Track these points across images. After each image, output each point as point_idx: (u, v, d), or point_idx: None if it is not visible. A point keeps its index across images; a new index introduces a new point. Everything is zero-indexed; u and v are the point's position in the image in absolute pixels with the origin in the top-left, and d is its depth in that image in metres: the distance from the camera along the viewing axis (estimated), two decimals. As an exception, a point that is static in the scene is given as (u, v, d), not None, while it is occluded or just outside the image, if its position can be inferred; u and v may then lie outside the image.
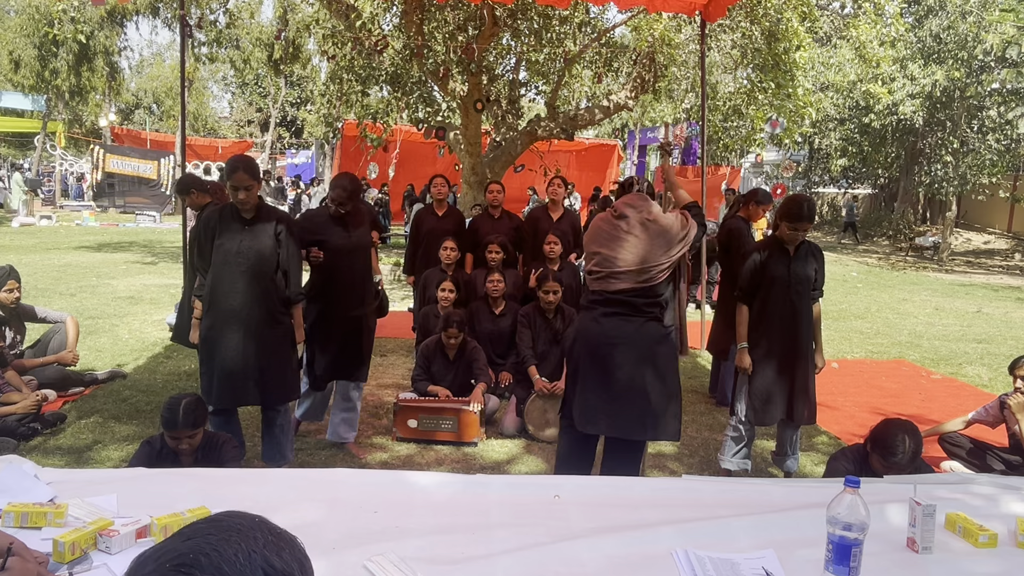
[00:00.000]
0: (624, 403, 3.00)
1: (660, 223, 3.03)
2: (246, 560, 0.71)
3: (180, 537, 0.74)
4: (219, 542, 0.72)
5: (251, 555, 0.72)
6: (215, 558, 0.70)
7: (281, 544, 0.76)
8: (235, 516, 0.78)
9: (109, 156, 23.19)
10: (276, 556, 0.73)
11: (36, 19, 21.48)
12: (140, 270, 11.24)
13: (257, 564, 0.71)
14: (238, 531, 0.74)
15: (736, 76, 10.75)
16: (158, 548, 0.73)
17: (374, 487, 2.19)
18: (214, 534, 0.73)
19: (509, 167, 10.37)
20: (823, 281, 3.88)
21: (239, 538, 0.73)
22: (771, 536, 1.91)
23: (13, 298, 5.02)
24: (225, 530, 0.74)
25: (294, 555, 0.76)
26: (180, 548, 0.72)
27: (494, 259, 5.63)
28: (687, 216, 3.10)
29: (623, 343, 3.00)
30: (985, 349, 7.72)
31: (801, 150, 24.19)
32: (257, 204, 3.60)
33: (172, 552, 0.71)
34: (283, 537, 0.78)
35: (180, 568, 0.69)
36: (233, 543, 0.72)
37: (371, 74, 10.26)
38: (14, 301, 5.04)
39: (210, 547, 0.71)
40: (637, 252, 2.99)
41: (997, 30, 14.14)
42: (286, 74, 26.51)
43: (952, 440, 4.35)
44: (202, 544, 0.71)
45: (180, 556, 0.70)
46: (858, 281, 13.59)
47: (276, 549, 0.75)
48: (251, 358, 3.56)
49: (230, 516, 0.78)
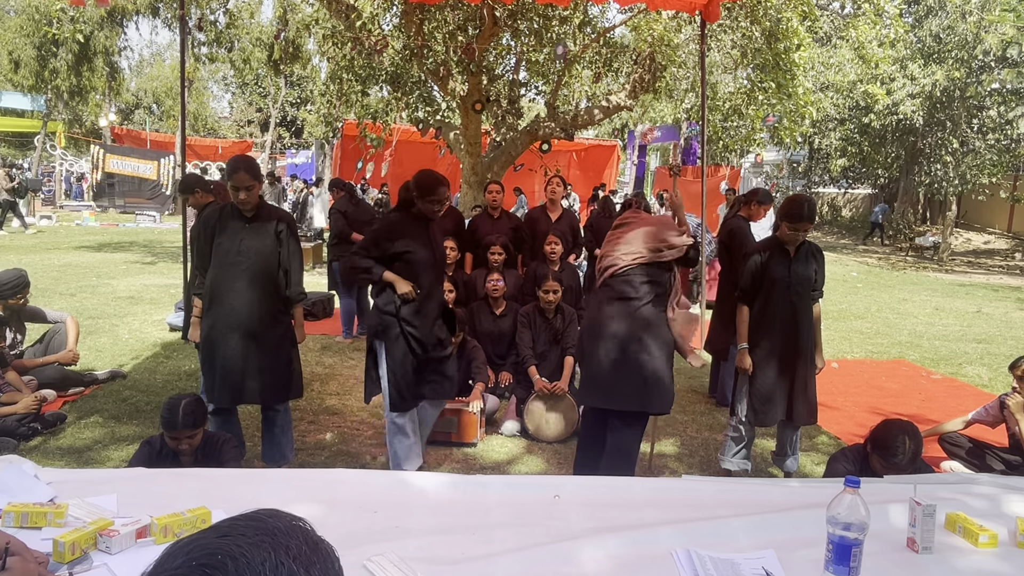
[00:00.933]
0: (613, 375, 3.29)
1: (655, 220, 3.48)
2: (272, 572, 0.69)
3: (216, 532, 0.73)
4: (250, 546, 0.70)
5: (278, 567, 0.70)
6: (242, 564, 0.68)
7: (314, 558, 0.74)
8: (276, 517, 0.76)
9: (109, 156, 23.18)
10: (304, 571, 0.71)
11: (36, 19, 21.46)
12: (140, 270, 11.24)
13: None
14: (273, 536, 0.73)
15: (736, 76, 10.74)
16: (191, 540, 0.72)
17: (374, 487, 2.19)
18: (248, 536, 0.72)
19: (509, 167, 10.37)
20: (823, 282, 3.88)
21: (271, 544, 0.71)
22: (771, 536, 1.91)
23: (21, 303, 5.09)
24: (261, 532, 0.72)
25: (325, 572, 0.74)
26: (211, 546, 0.70)
27: (496, 260, 5.64)
28: (687, 227, 3.47)
29: (618, 320, 3.29)
30: (985, 349, 7.72)
31: (801, 150, 24.19)
32: (258, 203, 3.60)
33: (202, 549, 0.70)
34: (318, 550, 0.75)
35: (205, 568, 0.68)
36: (264, 549, 0.70)
37: (371, 74, 10.26)
38: (21, 306, 5.11)
39: (239, 551, 0.69)
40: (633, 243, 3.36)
41: (997, 30, 14.15)
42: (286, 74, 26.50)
43: (952, 440, 4.35)
44: (232, 546, 0.70)
45: (209, 555, 0.69)
46: (858, 281, 13.59)
47: (307, 563, 0.72)
48: (251, 357, 3.56)
49: (271, 516, 0.76)
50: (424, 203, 3.60)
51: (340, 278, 6.92)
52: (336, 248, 6.97)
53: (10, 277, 5.02)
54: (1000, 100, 16.93)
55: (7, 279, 5.00)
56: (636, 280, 3.31)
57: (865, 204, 27.58)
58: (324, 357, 6.37)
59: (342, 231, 6.89)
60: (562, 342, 4.99)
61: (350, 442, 4.41)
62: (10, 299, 5.00)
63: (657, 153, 27.12)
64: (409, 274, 3.55)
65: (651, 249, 3.31)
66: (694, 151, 20.78)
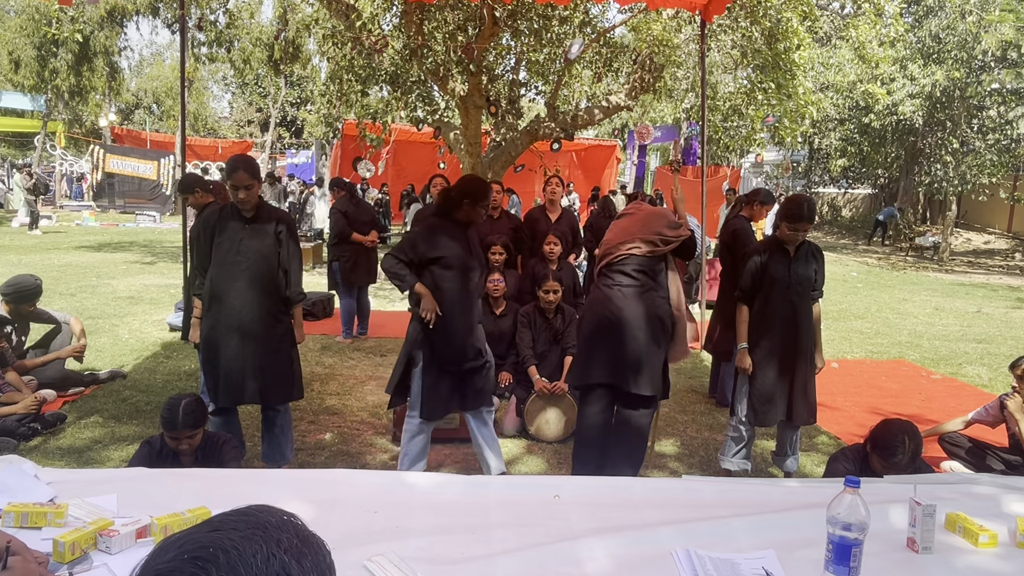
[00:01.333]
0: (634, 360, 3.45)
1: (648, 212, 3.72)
2: (264, 563, 0.70)
3: (207, 526, 0.73)
4: (242, 539, 0.71)
5: (270, 559, 0.71)
6: (233, 556, 0.69)
7: (304, 550, 0.74)
8: (267, 512, 0.77)
9: (109, 156, 23.19)
10: (296, 563, 0.72)
11: (36, 19, 21.47)
12: (140, 270, 11.24)
13: (274, 570, 0.70)
14: (264, 529, 0.73)
15: (736, 76, 10.74)
16: (183, 535, 0.73)
17: (374, 487, 2.19)
18: (239, 529, 0.72)
19: (509, 167, 10.37)
20: (823, 282, 3.89)
21: (263, 537, 0.72)
22: (771, 536, 1.91)
23: (30, 310, 5.12)
24: (252, 526, 0.73)
25: (316, 564, 0.75)
26: (203, 539, 0.71)
27: (497, 261, 5.64)
28: (685, 221, 3.67)
29: (619, 301, 3.47)
30: (985, 349, 7.72)
31: (801, 150, 24.19)
32: (257, 204, 3.60)
33: (194, 543, 0.71)
34: (309, 542, 0.76)
35: (197, 561, 0.68)
36: (255, 542, 0.71)
37: (371, 74, 10.24)
38: (30, 312, 5.14)
39: (231, 544, 0.70)
40: (631, 230, 3.59)
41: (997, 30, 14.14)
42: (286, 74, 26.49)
43: (952, 440, 4.35)
44: (224, 539, 0.71)
45: (200, 548, 0.70)
46: (858, 281, 13.59)
47: (298, 555, 0.73)
48: (251, 358, 3.56)
49: (262, 511, 0.77)
50: (474, 208, 3.54)
51: (340, 278, 6.91)
52: (336, 248, 6.97)
53: (29, 284, 5.05)
54: (1000, 100, 16.93)
55: (27, 285, 5.03)
56: (630, 268, 3.50)
57: (865, 204, 27.58)
58: (324, 357, 6.37)
59: (342, 231, 6.88)
60: (562, 342, 4.99)
61: (350, 442, 4.41)
62: (24, 304, 5.01)
63: (657, 153, 27.12)
64: (442, 281, 3.49)
65: (646, 240, 3.50)
66: (694, 151, 20.78)
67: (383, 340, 7.08)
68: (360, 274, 6.98)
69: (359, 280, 7.01)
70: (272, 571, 0.70)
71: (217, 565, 0.68)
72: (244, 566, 0.69)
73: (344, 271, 6.86)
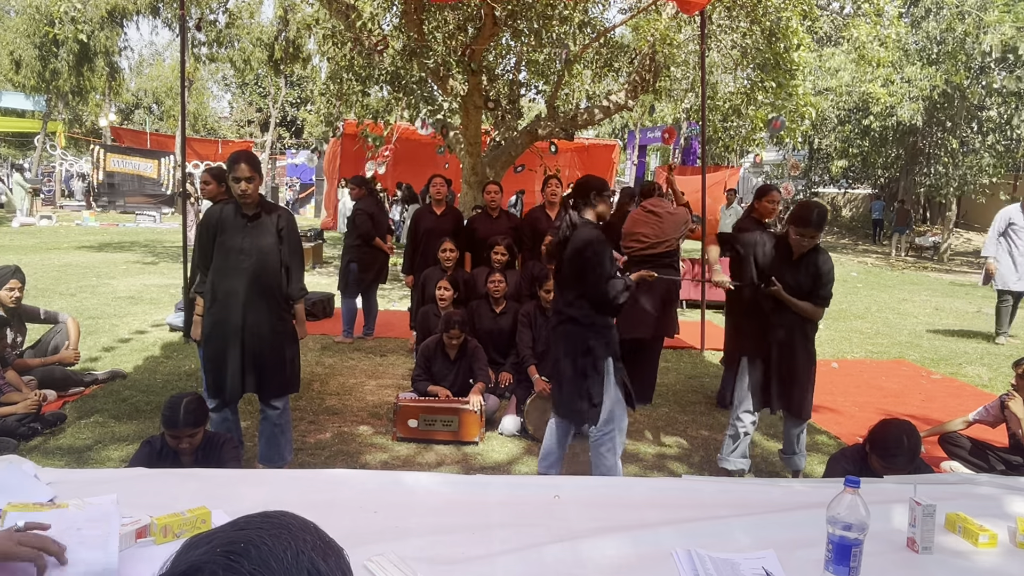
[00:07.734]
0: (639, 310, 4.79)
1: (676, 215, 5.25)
2: (294, 559, 0.71)
3: (233, 526, 0.75)
4: (270, 537, 0.73)
5: (299, 555, 0.72)
6: (264, 551, 0.71)
7: (328, 551, 0.76)
8: (287, 515, 0.79)
9: (109, 156, 23.20)
10: (322, 561, 0.74)
11: (36, 19, 21.46)
12: (140, 270, 11.24)
13: (304, 565, 0.72)
14: (288, 530, 0.75)
15: (736, 76, 10.74)
16: (211, 533, 0.74)
17: (374, 487, 2.19)
18: (266, 528, 0.74)
19: (509, 167, 10.37)
20: (826, 295, 3.77)
21: (289, 536, 0.74)
22: (771, 536, 1.91)
23: (14, 297, 5.01)
24: (277, 526, 0.75)
25: (339, 565, 0.77)
26: (232, 536, 0.72)
27: (499, 260, 5.64)
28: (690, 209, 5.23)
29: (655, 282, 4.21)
30: (985, 349, 7.72)
31: (801, 150, 24.17)
32: (258, 200, 3.61)
33: (224, 539, 0.72)
34: (331, 545, 0.78)
35: (229, 554, 0.70)
36: (283, 540, 0.73)
37: (371, 74, 10.24)
38: (15, 301, 5.03)
39: (260, 540, 0.72)
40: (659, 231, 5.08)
41: (996, 31, 14.14)
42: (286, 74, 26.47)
43: (953, 440, 4.35)
44: (253, 536, 0.72)
45: (231, 543, 0.71)
46: (858, 281, 13.59)
47: (323, 554, 0.75)
48: (253, 355, 3.57)
49: (283, 515, 0.79)
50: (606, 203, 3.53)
51: (353, 279, 6.85)
52: (356, 249, 6.84)
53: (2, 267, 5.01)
54: (1000, 101, 16.92)
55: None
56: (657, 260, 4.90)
57: (865, 204, 27.55)
58: (324, 357, 6.37)
59: (367, 233, 6.80)
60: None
61: (350, 442, 4.41)
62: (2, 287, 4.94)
63: (657, 153, 27.11)
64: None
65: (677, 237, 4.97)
66: (694, 151, 20.76)
67: (383, 340, 7.08)
68: (373, 276, 6.97)
69: (371, 281, 7.00)
70: (302, 566, 0.71)
71: (249, 558, 0.69)
72: (276, 560, 0.70)
73: (359, 272, 6.83)
